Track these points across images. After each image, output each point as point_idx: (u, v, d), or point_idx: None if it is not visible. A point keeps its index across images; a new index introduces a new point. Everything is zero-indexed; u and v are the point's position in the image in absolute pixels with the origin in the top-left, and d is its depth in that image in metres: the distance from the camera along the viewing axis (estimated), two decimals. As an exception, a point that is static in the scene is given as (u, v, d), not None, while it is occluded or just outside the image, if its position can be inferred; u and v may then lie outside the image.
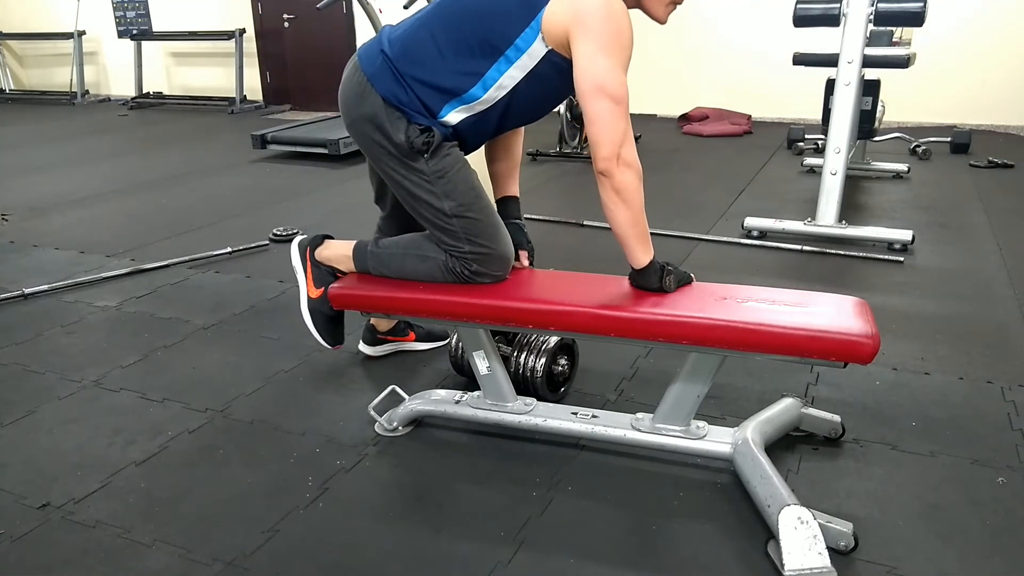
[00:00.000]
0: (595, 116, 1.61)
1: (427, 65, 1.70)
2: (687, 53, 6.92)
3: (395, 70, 1.71)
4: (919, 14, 3.32)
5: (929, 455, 1.84)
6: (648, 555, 1.53)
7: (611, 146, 1.61)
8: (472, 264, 1.80)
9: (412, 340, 2.41)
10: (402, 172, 1.79)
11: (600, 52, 1.59)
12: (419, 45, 1.71)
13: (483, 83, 1.69)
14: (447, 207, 1.78)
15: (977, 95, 6.11)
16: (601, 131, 1.61)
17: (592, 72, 1.60)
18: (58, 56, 9.72)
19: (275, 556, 1.54)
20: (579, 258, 3.31)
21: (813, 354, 1.54)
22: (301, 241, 2.04)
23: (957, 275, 3.02)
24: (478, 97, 1.71)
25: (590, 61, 1.59)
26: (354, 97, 1.78)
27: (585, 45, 1.59)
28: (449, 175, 1.77)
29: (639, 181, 1.65)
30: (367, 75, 1.75)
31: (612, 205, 1.66)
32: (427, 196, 1.79)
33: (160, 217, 4.12)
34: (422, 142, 1.72)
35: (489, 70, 1.68)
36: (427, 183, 1.77)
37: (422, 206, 1.81)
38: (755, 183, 4.64)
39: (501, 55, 1.66)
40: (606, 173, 1.63)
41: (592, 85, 1.60)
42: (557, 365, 2.10)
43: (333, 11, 7.87)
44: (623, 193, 1.64)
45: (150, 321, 2.71)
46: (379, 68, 1.73)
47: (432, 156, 1.75)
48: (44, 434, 2.00)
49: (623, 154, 1.62)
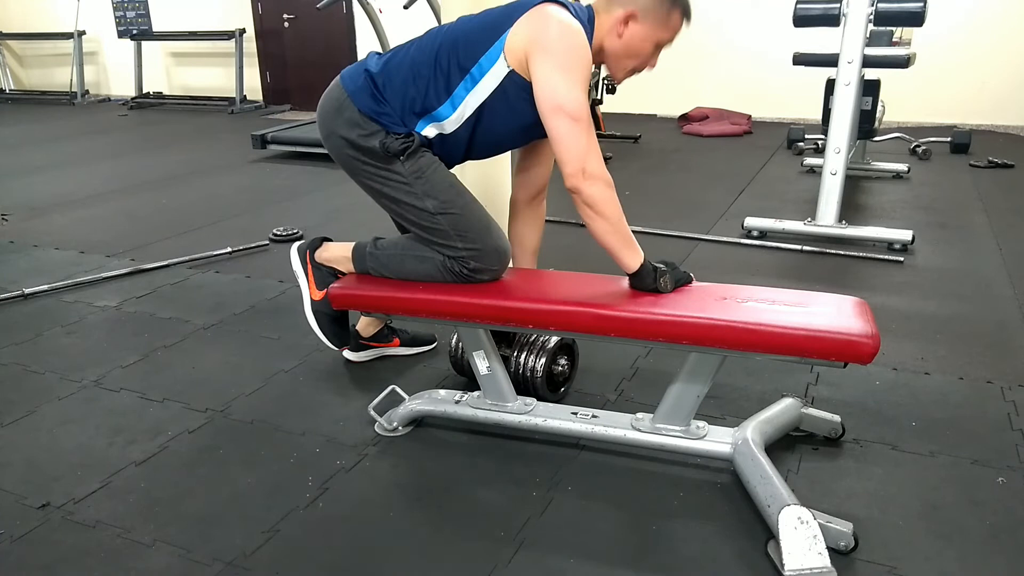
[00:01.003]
0: (556, 135, 1.67)
1: (404, 84, 1.77)
2: (687, 53, 6.91)
3: (374, 87, 1.78)
4: (919, 14, 3.32)
5: (929, 455, 1.84)
6: (648, 555, 1.53)
7: (575, 162, 1.66)
8: (469, 262, 1.81)
9: (397, 346, 2.40)
10: (381, 179, 1.83)
11: (556, 70, 1.65)
12: (399, 67, 1.78)
13: (451, 101, 1.76)
14: (430, 206, 1.81)
15: (977, 95, 6.11)
16: (564, 149, 1.67)
17: (550, 91, 1.65)
18: (58, 56, 9.72)
19: (275, 556, 1.54)
20: (579, 258, 3.31)
21: (813, 354, 1.54)
22: (300, 245, 2.05)
23: (957, 275, 3.02)
24: (447, 116, 1.78)
25: (547, 80, 1.65)
26: (332, 111, 1.83)
27: (542, 64, 1.65)
28: (427, 175, 1.81)
29: (610, 190, 1.69)
30: (348, 92, 1.80)
31: (588, 219, 1.70)
32: (408, 199, 1.82)
33: (160, 217, 4.12)
34: (399, 145, 1.77)
35: (457, 88, 1.75)
36: (406, 185, 1.81)
37: (406, 210, 1.84)
38: (755, 183, 4.64)
39: (467, 74, 1.73)
40: (574, 190, 1.68)
41: (550, 105, 1.66)
42: (557, 365, 2.10)
43: (333, 11, 7.87)
44: (596, 206, 1.68)
45: (150, 321, 2.71)
46: (360, 86, 1.79)
47: (408, 159, 1.79)
48: (44, 434, 2.01)
49: (588, 168, 1.66)
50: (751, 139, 6.07)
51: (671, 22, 1.75)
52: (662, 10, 1.73)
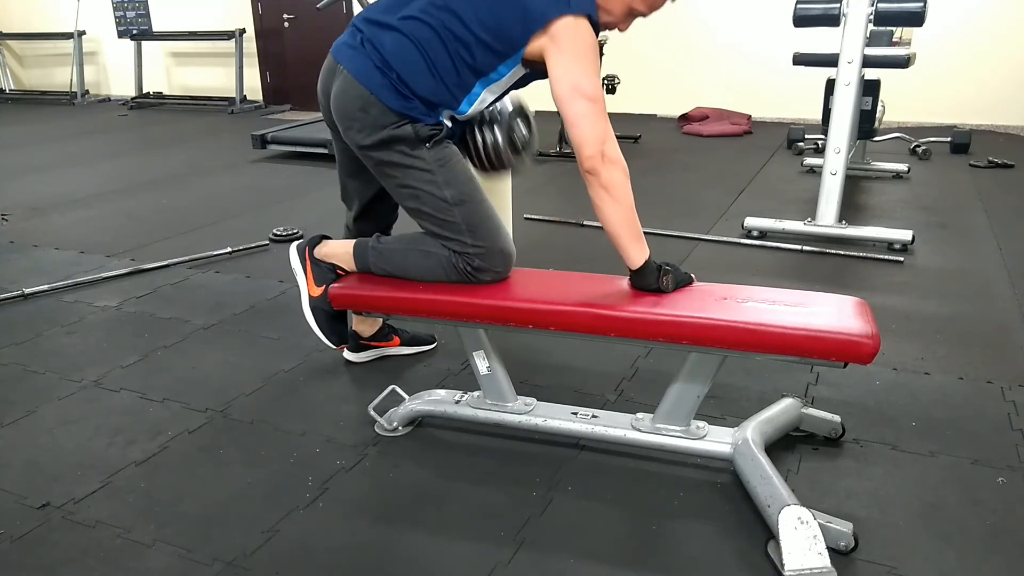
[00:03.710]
0: (574, 117, 1.67)
1: (424, 82, 1.77)
2: (687, 53, 6.92)
3: (398, 81, 1.77)
4: (919, 14, 3.32)
5: (929, 455, 1.84)
6: (648, 555, 1.53)
7: (595, 144, 1.65)
8: (475, 260, 1.81)
9: (397, 344, 2.40)
10: (403, 168, 1.82)
11: (573, 60, 1.67)
12: (416, 67, 1.76)
13: (468, 99, 1.81)
14: (449, 195, 1.82)
15: (977, 95, 6.11)
16: (583, 131, 1.66)
17: (566, 76, 1.67)
18: (58, 56, 9.72)
19: (275, 556, 1.54)
20: (579, 258, 3.31)
21: (813, 354, 1.54)
22: (299, 244, 2.05)
23: (957, 275, 3.02)
24: (465, 112, 1.83)
25: (564, 68, 1.68)
26: (355, 110, 1.80)
27: (558, 57, 1.68)
28: (450, 164, 1.83)
29: (626, 178, 1.69)
30: (369, 88, 1.77)
31: (602, 203, 1.69)
32: (429, 187, 1.82)
33: (160, 217, 4.12)
34: (429, 131, 1.80)
35: (474, 87, 1.80)
36: (429, 172, 1.81)
37: (424, 200, 1.83)
38: (755, 183, 4.64)
39: (485, 76, 1.78)
40: (592, 172, 1.67)
41: (568, 87, 1.67)
42: (516, 131, 2.05)
43: (333, 11, 7.87)
44: (612, 190, 1.67)
45: (150, 321, 2.71)
46: (379, 82, 1.77)
47: (434, 146, 1.81)
48: (44, 434, 2.00)
49: (607, 151, 1.66)
50: (751, 139, 6.07)
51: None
52: None
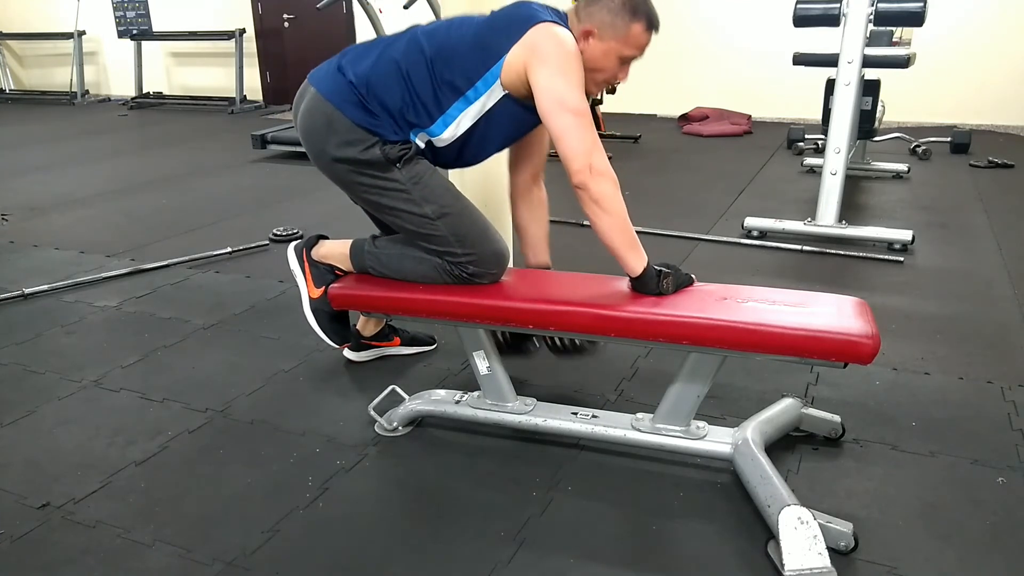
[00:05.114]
0: (560, 131, 1.67)
1: (395, 95, 1.76)
2: (687, 53, 6.92)
3: (361, 97, 1.77)
4: (919, 14, 3.32)
5: (929, 455, 1.84)
6: (648, 555, 1.53)
7: (582, 158, 1.66)
8: (468, 267, 1.82)
9: (397, 345, 2.40)
10: (378, 190, 1.83)
11: (557, 74, 1.67)
12: (386, 77, 1.76)
13: (444, 120, 1.78)
14: (429, 211, 1.82)
15: (977, 95, 6.11)
16: (569, 145, 1.66)
17: (551, 90, 1.67)
18: (58, 56, 9.72)
19: (275, 556, 1.54)
20: (579, 258, 3.31)
21: (813, 354, 1.54)
22: (296, 244, 2.06)
23: (957, 275, 3.02)
24: (439, 133, 1.80)
25: (548, 82, 1.67)
26: (321, 129, 1.81)
27: (542, 70, 1.67)
28: (424, 179, 1.82)
29: (616, 189, 1.69)
30: (334, 104, 1.78)
31: (595, 217, 1.70)
32: (407, 206, 1.82)
33: (160, 217, 4.12)
34: (398, 151, 1.78)
35: (450, 108, 1.77)
36: (404, 192, 1.81)
37: (405, 218, 1.84)
38: (755, 183, 4.64)
39: (461, 95, 1.75)
40: (582, 186, 1.68)
41: (553, 102, 1.66)
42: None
43: (333, 11, 7.87)
44: (602, 202, 1.68)
45: (150, 321, 2.71)
46: (346, 98, 1.77)
47: (404, 165, 1.80)
48: (44, 434, 2.00)
49: (595, 163, 1.66)
50: (751, 139, 6.07)
51: (631, 38, 1.74)
52: (620, 25, 1.72)
